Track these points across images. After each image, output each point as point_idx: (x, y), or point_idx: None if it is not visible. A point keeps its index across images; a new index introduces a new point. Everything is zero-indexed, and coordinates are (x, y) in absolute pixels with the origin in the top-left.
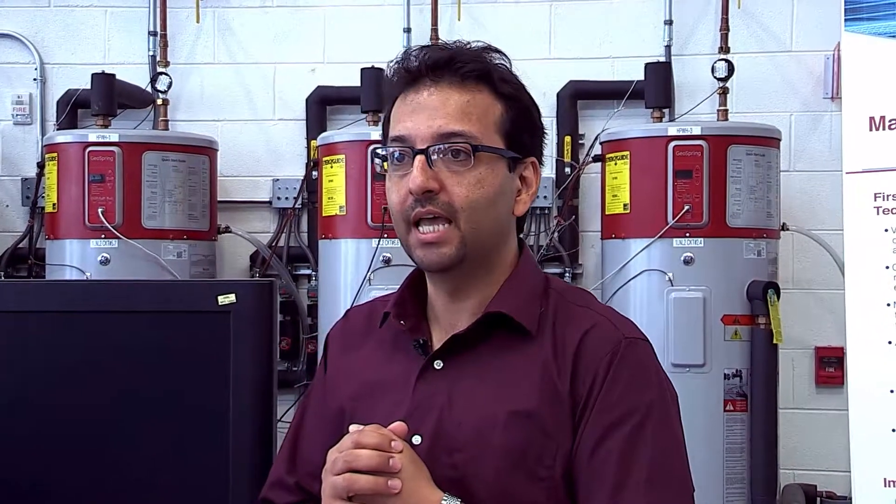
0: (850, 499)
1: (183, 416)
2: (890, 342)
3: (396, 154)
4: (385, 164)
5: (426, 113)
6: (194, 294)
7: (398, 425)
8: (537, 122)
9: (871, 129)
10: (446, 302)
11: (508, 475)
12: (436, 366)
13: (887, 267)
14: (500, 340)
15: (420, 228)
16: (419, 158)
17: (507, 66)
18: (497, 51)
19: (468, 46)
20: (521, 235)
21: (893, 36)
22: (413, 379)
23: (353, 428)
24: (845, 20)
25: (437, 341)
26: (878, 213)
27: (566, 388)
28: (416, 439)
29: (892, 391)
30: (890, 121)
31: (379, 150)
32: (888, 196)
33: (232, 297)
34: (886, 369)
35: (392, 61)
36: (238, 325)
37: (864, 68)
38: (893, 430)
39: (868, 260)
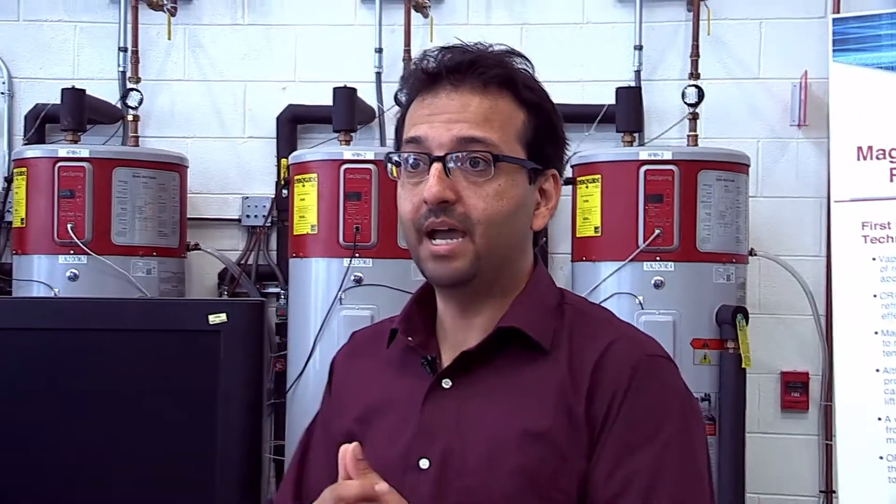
0: None
1: (172, 435)
2: (877, 370)
3: (411, 160)
4: (396, 169)
5: (445, 117)
6: (186, 313)
7: (353, 448)
8: (560, 132)
9: (858, 159)
10: (456, 318)
11: (522, 499)
12: (444, 385)
13: (875, 295)
14: (512, 357)
15: (433, 241)
16: (436, 166)
17: (531, 71)
18: (520, 55)
19: (490, 49)
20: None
21: (880, 67)
22: (420, 399)
23: (342, 451)
24: (833, 51)
25: (447, 359)
26: (865, 242)
27: (582, 408)
28: (424, 463)
29: (879, 418)
30: (878, 150)
31: (392, 155)
32: (876, 225)
33: (223, 317)
34: (873, 397)
35: (413, 64)
36: (228, 345)
37: (851, 98)
38: (881, 458)
39: (856, 288)
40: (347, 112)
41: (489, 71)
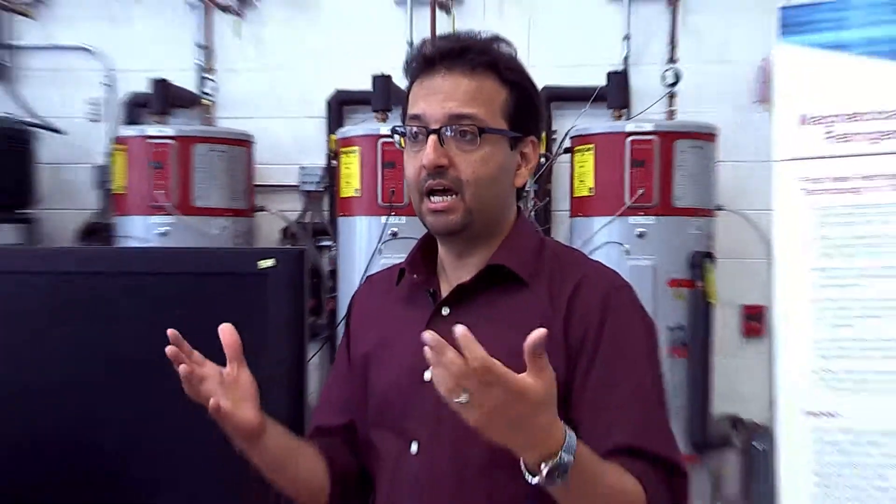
0: (771, 427)
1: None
2: (812, 301)
3: (413, 132)
4: (403, 140)
5: (439, 96)
6: (239, 259)
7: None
8: (537, 105)
9: (801, 124)
10: (453, 260)
11: None
12: (443, 312)
13: (812, 238)
14: (499, 290)
15: (431, 198)
16: (432, 138)
17: (513, 54)
18: (503, 40)
19: (479, 37)
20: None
21: (820, 46)
22: (423, 325)
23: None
24: (781, 33)
25: (445, 293)
26: (808, 194)
27: (561, 331)
28: (427, 375)
29: (812, 340)
30: (816, 118)
31: (398, 128)
32: (819, 179)
33: (271, 262)
34: (808, 322)
35: (415, 50)
36: (274, 286)
37: (795, 73)
38: (813, 372)
39: (795, 232)
40: (384, 95)
41: (476, 57)
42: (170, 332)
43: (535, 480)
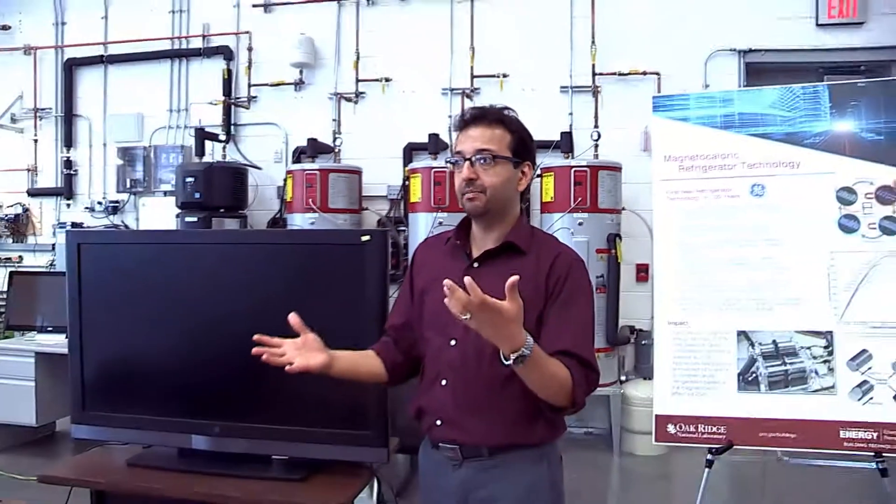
0: (651, 332)
1: (340, 300)
2: (674, 262)
3: (457, 161)
4: (453, 167)
5: (470, 140)
6: (349, 236)
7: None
8: (529, 144)
9: (665, 160)
10: (481, 233)
11: None
12: (474, 266)
13: (676, 226)
14: (509, 255)
15: (467, 195)
16: (467, 163)
17: (515, 114)
18: (510, 108)
19: (494, 106)
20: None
21: (674, 119)
22: (461, 273)
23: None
24: (654, 110)
25: (475, 254)
26: (670, 199)
27: (543, 283)
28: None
29: (674, 284)
30: (675, 157)
31: (449, 160)
32: (673, 192)
33: (368, 237)
34: (672, 273)
35: (457, 115)
36: (370, 251)
37: (662, 134)
38: (673, 300)
39: (665, 222)
40: (435, 145)
41: (491, 117)
42: (256, 337)
43: (507, 363)
